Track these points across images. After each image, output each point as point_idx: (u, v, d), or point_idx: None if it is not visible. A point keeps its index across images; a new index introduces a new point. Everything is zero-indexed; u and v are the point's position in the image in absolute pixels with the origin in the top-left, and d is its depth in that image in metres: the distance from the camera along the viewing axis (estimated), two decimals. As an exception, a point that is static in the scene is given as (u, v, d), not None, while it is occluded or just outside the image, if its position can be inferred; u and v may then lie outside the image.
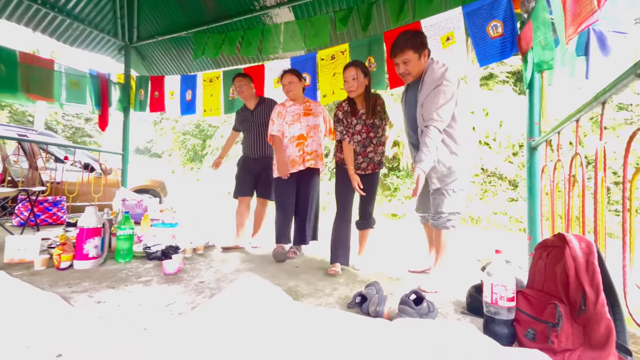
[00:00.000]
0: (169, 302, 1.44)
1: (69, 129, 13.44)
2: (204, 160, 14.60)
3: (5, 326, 1.11)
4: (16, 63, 3.16)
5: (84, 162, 4.22)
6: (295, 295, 1.58)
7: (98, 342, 1.04)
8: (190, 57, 4.21)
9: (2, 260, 1.90)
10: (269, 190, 2.76)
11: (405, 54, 1.78)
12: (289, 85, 2.44)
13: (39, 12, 3.54)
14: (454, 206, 1.82)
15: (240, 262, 2.21)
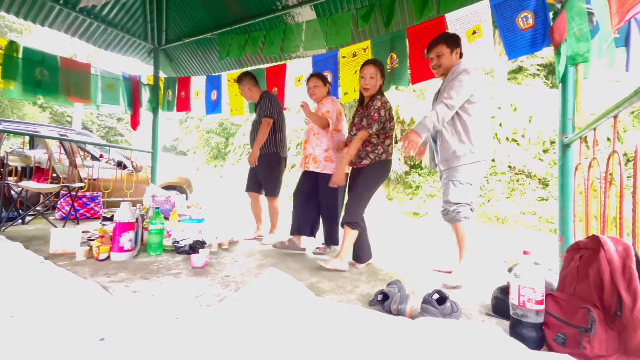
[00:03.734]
0: (197, 294, 1.51)
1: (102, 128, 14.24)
2: (226, 157, 14.98)
3: (53, 311, 1.22)
4: (57, 68, 3.39)
5: (117, 160, 4.46)
6: (317, 291, 1.61)
7: (136, 328, 1.11)
8: (215, 58, 4.34)
9: (47, 251, 2.07)
10: (269, 187, 2.82)
11: (438, 47, 1.93)
12: (313, 88, 2.55)
13: (77, 19, 3.77)
14: (461, 197, 1.87)
15: (263, 258, 2.27)
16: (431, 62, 2.00)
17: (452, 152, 1.87)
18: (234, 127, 14.93)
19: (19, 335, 1.03)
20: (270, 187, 2.83)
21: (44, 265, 1.78)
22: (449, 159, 1.91)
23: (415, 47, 2.73)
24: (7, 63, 3.05)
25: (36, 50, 3.31)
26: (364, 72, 2.11)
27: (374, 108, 2.07)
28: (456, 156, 1.87)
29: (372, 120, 2.05)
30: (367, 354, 0.98)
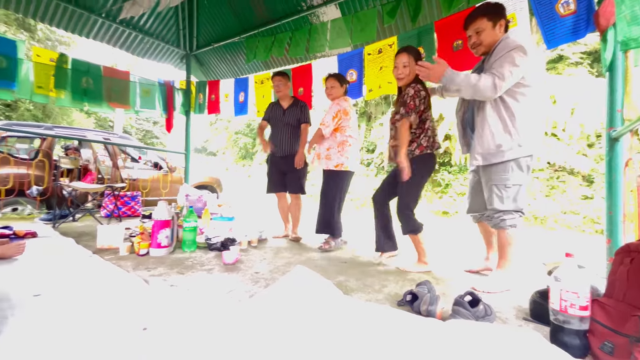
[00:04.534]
0: (229, 289, 1.57)
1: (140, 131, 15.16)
2: (254, 157, 15.35)
3: (102, 301, 1.32)
4: (101, 77, 3.66)
5: (154, 162, 4.74)
6: (344, 289, 1.61)
7: (174, 320, 1.18)
8: (243, 61, 4.46)
9: (95, 246, 2.25)
10: (298, 186, 2.89)
11: (477, 22, 1.68)
12: (330, 89, 2.61)
13: (117, 30, 4.04)
14: (509, 203, 1.65)
15: (291, 256, 2.31)
16: (469, 40, 1.75)
17: (496, 146, 1.62)
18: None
19: (73, 322, 1.13)
20: (301, 185, 2.90)
21: (93, 259, 1.94)
22: (490, 153, 1.65)
23: (444, 40, 2.64)
24: (58, 74, 3.34)
25: (83, 61, 3.59)
26: (397, 61, 2.02)
27: (408, 96, 1.96)
28: (500, 151, 1.62)
29: (409, 108, 1.96)
30: (397, 355, 0.97)
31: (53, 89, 3.34)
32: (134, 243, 2.14)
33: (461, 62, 2.60)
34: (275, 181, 2.99)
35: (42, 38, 9.09)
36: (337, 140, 2.57)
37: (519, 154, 1.62)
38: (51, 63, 3.34)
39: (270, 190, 3.02)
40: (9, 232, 2.33)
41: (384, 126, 9.61)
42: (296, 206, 2.96)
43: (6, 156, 3.26)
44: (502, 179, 1.66)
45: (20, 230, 2.38)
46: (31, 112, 8.07)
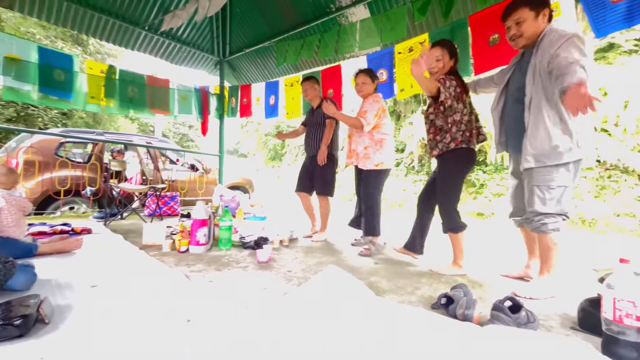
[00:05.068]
0: (263, 286, 1.63)
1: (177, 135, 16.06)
2: (283, 159, 15.65)
3: (150, 294, 1.43)
4: (144, 85, 3.93)
5: (190, 163, 5.00)
6: (376, 290, 1.61)
7: (214, 313, 1.25)
8: (273, 64, 4.58)
9: (141, 243, 2.42)
10: (324, 187, 2.90)
11: (517, 12, 1.58)
12: (361, 85, 2.58)
13: (158, 41, 4.32)
14: (552, 205, 1.54)
15: (322, 255, 2.34)
16: (508, 32, 1.64)
17: (553, 147, 1.48)
18: (290, 129, 15.51)
19: (126, 312, 1.24)
20: (327, 187, 2.91)
21: (139, 255, 2.09)
22: (544, 154, 1.52)
23: (479, 35, 2.55)
24: (108, 84, 3.64)
25: (129, 72, 3.88)
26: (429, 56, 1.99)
27: (440, 79, 1.91)
28: (558, 152, 1.48)
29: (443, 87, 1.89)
30: (434, 358, 0.96)
31: (103, 98, 3.64)
32: (175, 240, 2.28)
33: (497, 57, 2.49)
34: (302, 181, 3.04)
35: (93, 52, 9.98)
36: (374, 138, 2.53)
37: (577, 156, 1.49)
38: (101, 74, 3.65)
39: (296, 189, 3.08)
40: (68, 229, 2.58)
41: (413, 125, 9.38)
42: (323, 209, 2.96)
43: (65, 160, 3.61)
44: (545, 180, 1.55)
45: (77, 227, 2.63)
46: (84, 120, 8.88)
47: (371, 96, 2.56)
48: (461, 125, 1.95)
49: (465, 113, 1.96)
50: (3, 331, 0.97)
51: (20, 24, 7.67)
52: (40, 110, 7.98)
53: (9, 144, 3.79)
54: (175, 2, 3.90)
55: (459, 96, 1.93)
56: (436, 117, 2.06)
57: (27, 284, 1.44)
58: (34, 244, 1.96)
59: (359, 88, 2.60)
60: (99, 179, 3.77)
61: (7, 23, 7.45)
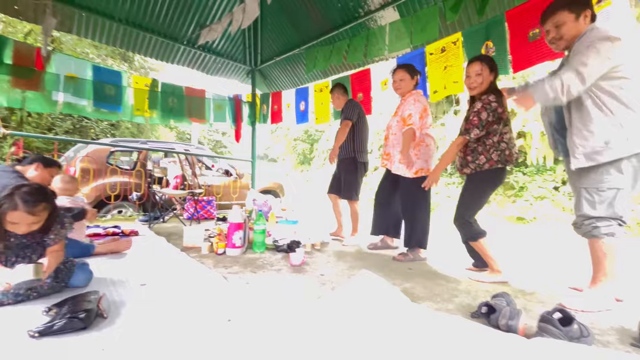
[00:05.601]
0: (298, 289, 1.66)
1: (211, 142, 16.83)
2: (311, 163, 15.80)
3: (193, 294, 1.51)
4: (183, 96, 4.19)
5: (225, 169, 5.22)
6: (411, 297, 1.58)
7: (252, 314, 1.30)
8: (303, 71, 4.68)
9: (182, 245, 2.56)
10: (347, 191, 2.89)
11: (557, 15, 1.52)
12: (399, 82, 2.45)
13: (195, 54, 4.59)
14: (603, 209, 1.43)
15: (354, 260, 2.34)
16: (547, 36, 1.59)
17: (605, 143, 1.40)
18: (318, 133, 15.65)
19: (172, 309, 1.32)
20: (349, 191, 2.92)
21: (181, 256, 2.22)
22: (594, 152, 1.42)
23: (518, 31, 2.43)
24: (151, 96, 3.92)
25: (169, 84, 4.15)
26: (469, 71, 1.94)
27: (474, 111, 1.87)
28: (609, 148, 1.39)
29: (471, 125, 1.87)
30: (475, 368, 0.93)
31: (147, 110, 3.93)
32: (213, 243, 2.39)
33: (538, 53, 2.37)
34: (332, 183, 3.08)
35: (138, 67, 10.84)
36: (413, 142, 2.37)
37: (629, 151, 1.38)
38: (145, 88, 3.94)
39: (328, 190, 3.12)
40: (118, 231, 2.81)
41: (445, 127, 9.07)
42: (352, 213, 2.96)
43: (114, 167, 3.93)
44: (594, 182, 1.45)
45: (126, 229, 2.84)
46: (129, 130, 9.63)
47: (411, 94, 2.41)
48: (500, 145, 1.88)
49: (507, 131, 1.90)
50: (70, 323, 1.08)
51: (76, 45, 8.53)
52: (92, 122, 8.76)
53: (68, 154, 4.20)
54: (211, 16, 4.13)
55: (500, 116, 1.86)
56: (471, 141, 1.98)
57: (85, 281, 1.58)
58: (92, 244, 2.15)
59: (396, 85, 2.46)
60: (143, 185, 4.05)
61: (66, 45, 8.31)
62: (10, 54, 3.04)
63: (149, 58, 4.57)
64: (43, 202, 1.33)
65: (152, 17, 3.87)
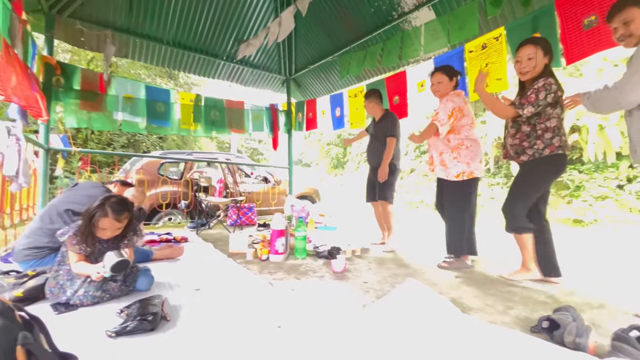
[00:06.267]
0: (342, 297, 1.67)
1: (248, 149, 17.52)
2: (345, 167, 15.77)
3: (243, 300, 1.59)
4: (224, 108, 4.42)
5: (263, 176, 5.40)
6: (461, 307, 1.52)
7: (301, 321, 1.33)
8: (336, 77, 4.72)
9: (228, 251, 2.69)
10: (382, 192, 2.90)
11: (625, 12, 1.46)
12: (437, 85, 2.39)
13: (234, 68, 4.84)
14: None
15: (397, 267, 2.30)
16: (615, 33, 1.53)
17: None
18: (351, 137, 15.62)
19: (225, 314, 1.40)
20: (386, 193, 2.92)
21: (228, 262, 2.34)
22: None
23: (570, 19, 2.26)
24: (195, 111, 4.19)
25: (211, 98, 4.41)
26: (520, 55, 1.86)
27: (534, 88, 1.78)
28: None
29: (527, 101, 1.78)
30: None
31: (192, 123, 4.20)
32: (257, 249, 2.49)
33: (595, 42, 2.18)
34: (369, 191, 3.10)
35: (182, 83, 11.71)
36: (450, 144, 2.30)
37: None
38: (190, 103, 4.22)
39: (366, 199, 3.15)
40: (170, 237, 3.03)
41: (486, 124, 8.58)
42: (386, 214, 2.96)
43: (165, 178, 4.25)
44: None
45: (178, 236, 3.05)
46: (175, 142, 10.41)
47: (448, 95, 2.34)
48: (559, 130, 1.79)
49: (564, 117, 1.78)
50: (140, 325, 1.19)
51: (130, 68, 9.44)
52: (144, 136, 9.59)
53: (125, 167, 4.62)
54: (247, 31, 4.33)
55: (558, 100, 1.75)
56: (523, 122, 1.90)
57: (148, 285, 1.73)
58: (150, 250, 2.35)
59: (434, 88, 2.40)
60: (190, 193, 4.33)
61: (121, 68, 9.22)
62: (79, 80, 3.43)
63: (191, 74, 4.88)
64: (126, 211, 1.57)
65: (195, 36, 4.16)
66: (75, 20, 3.39)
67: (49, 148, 3.13)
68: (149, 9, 3.67)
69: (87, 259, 1.53)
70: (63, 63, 3.42)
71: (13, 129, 2.07)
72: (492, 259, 2.48)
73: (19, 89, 2.19)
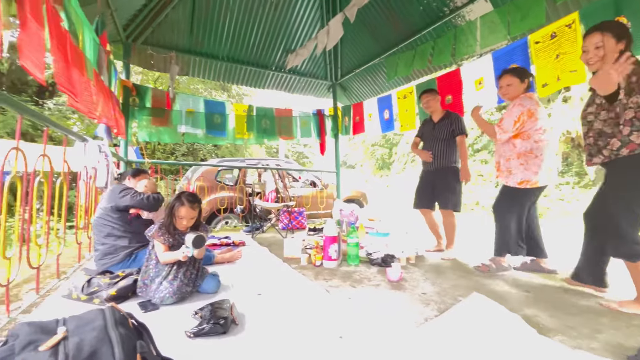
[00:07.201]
0: (401, 308, 1.63)
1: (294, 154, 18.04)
2: (391, 167, 15.39)
3: (301, 306, 1.64)
4: (274, 117, 4.61)
5: (311, 180, 5.51)
6: (537, 328, 1.39)
7: (361, 332, 1.33)
8: (383, 79, 4.64)
9: (282, 255, 2.79)
10: (449, 201, 2.75)
11: None
12: (506, 87, 2.24)
13: (282, 77, 5.03)
14: None
15: (457, 277, 2.18)
16: None
17: None
18: (397, 137, 15.20)
19: (287, 322, 1.45)
20: (450, 199, 2.77)
21: (284, 267, 2.42)
22: None
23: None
24: (248, 120, 4.44)
25: (262, 108, 4.63)
26: (586, 44, 1.67)
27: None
28: None
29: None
30: None
31: (245, 132, 4.45)
32: (311, 255, 2.54)
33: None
34: (423, 196, 2.95)
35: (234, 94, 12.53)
36: (516, 149, 2.17)
37: None
38: (244, 113, 4.48)
39: (416, 205, 3.00)
40: (229, 241, 3.23)
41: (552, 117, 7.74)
42: (449, 224, 2.80)
43: (222, 184, 4.56)
44: None
45: (236, 240, 3.25)
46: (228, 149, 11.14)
47: (518, 99, 2.18)
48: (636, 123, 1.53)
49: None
50: (214, 328, 1.29)
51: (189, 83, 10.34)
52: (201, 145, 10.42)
53: (187, 174, 5.06)
54: (295, 41, 4.47)
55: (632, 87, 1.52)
56: (595, 118, 1.69)
57: (215, 288, 1.86)
58: (212, 254, 2.53)
59: (503, 91, 2.26)
60: (245, 198, 4.58)
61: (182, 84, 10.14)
62: (150, 99, 3.85)
63: (243, 86, 5.17)
64: (197, 202, 1.78)
65: (247, 50, 4.41)
66: (147, 46, 3.81)
67: (127, 160, 3.55)
68: (207, 29, 3.98)
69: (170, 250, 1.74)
70: (138, 85, 3.86)
71: (103, 147, 2.39)
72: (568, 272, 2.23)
73: (106, 111, 2.52)
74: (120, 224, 2.08)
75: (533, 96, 2.17)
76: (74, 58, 1.78)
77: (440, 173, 2.82)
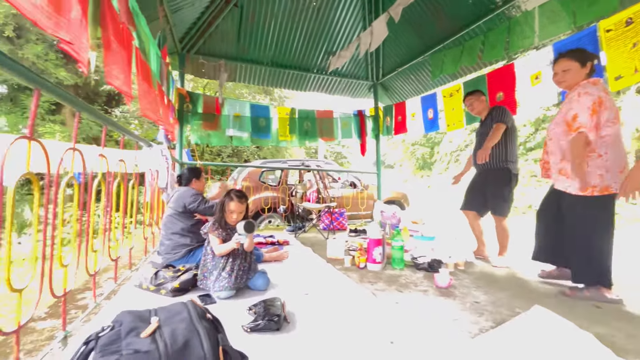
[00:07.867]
0: (453, 317, 1.58)
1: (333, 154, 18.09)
2: (432, 167, 14.78)
3: (347, 308, 1.65)
4: (315, 119, 4.69)
5: (351, 181, 5.50)
6: (611, 348, 1.26)
7: (413, 338, 1.31)
8: (427, 77, 4.49)
9: (325, 256, 2.83)
10: (499, 206, 2.58)
11: None
12: (562, 74, 1.93)
13: (324, 80, 5.08)
14: None
15: (511, 286, 2.05)
16: None
17: None
18: (439, 136, 14.57)
19: (336, 323, 1.48)
20: (499, 205, 2.61)
21: (328, 268, 2.46)
22: None
23: None
24: (291, 123, 4.56)
25: (304, 110, 4.73)
26: None
27: None
28: None
29: None
30: None
31: (288, 134, 4.58)
32: (355, 257, 2.55)
33: None
34: (470, 198, 2.79)
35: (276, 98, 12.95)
36: None
37: None
38: (286, 116, 4.61)
39: (462, 206, 2.85)
40: (274, 240, 3.35)
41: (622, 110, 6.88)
42: (501, 231, 2.63)
43: (266, 184, 4.74)
44: None
45: (280, 239, 3.36)
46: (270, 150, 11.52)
47: (578, 86, 1.84)
48: None
49: None
50: (269, 325, 1.36)
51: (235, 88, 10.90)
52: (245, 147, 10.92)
53: (233, 175, 5.33)
54: (337, 43, 4.50)
55: None
56: None
57: (264, 286, 1.95)
58: (260, 252, 2.65)
59: (558, 78, 1.95)
60: (287, 199, 4.72)
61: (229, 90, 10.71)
62: (202, 105, 4.13)
63: (285, 89, 5.32)
64: (244, 197, 1.94)
65: (290, 54, 4.53)
66: (199, 55, 4.09)
67: (182, 162, 3.84)
68: (252, 36, 4.17)
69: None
70: (191, 92, 4.16)
71: (164, 151, 2.62)
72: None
73: (164, 117, 2.76)
74: (185, 223, 2.28)
75: (598, 82, 1.83)
76: (143, 72, 1.98)
77: (492, 175, 2.64)
